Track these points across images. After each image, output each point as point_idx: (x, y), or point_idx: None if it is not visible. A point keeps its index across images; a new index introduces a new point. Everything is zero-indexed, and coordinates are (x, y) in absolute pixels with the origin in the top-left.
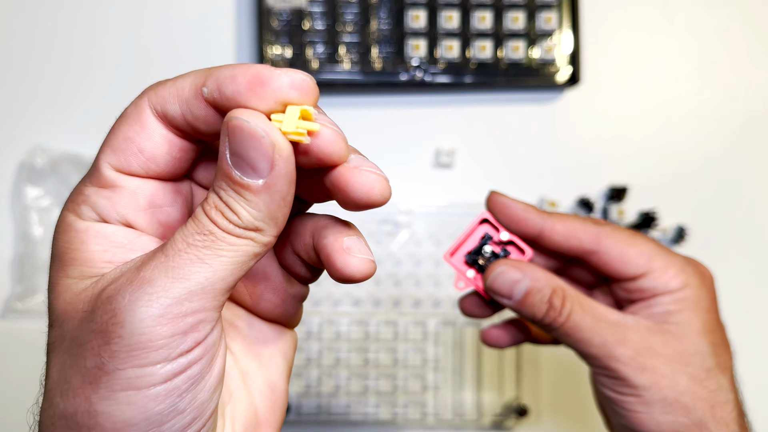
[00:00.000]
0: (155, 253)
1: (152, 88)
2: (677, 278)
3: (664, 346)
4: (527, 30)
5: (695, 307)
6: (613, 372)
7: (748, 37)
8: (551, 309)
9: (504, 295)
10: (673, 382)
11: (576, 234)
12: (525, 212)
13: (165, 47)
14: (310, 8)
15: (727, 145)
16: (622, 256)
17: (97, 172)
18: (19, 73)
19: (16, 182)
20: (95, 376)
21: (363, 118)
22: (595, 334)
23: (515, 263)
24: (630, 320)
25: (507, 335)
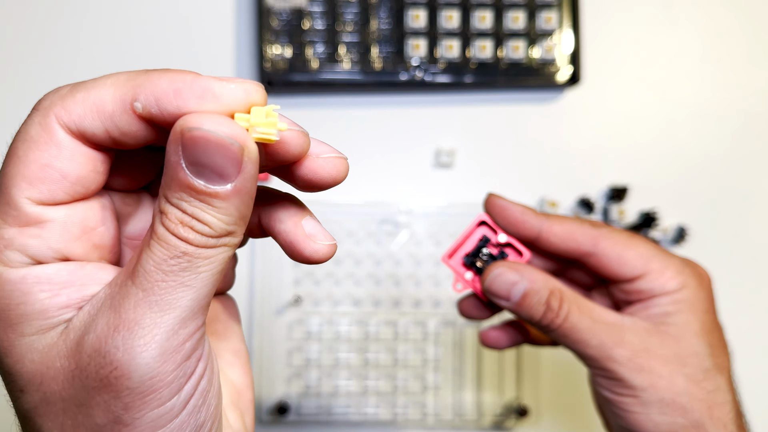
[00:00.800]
0: (126, 288)
1: (56, 102)
2: (675, 280)
3: (662, 347)
4: (527, 30)
5: (693, 308)
6: (610, 373)
7: (749, 36)
8: (549, 310)
9: (502, 297)
10: (671, 383)
11: (574, 236)
12: (523, 214)
13: (164, 47)
14: (310, 8)
15: (727, 145)
16: (619, 258)
17: (14, 210)
18: (18, 73)
19: None
20: (115, 431)
21: (363, 118)
22: (592, 335)
23: (513, 265)
24: (627, 321)
25: (505, 336)
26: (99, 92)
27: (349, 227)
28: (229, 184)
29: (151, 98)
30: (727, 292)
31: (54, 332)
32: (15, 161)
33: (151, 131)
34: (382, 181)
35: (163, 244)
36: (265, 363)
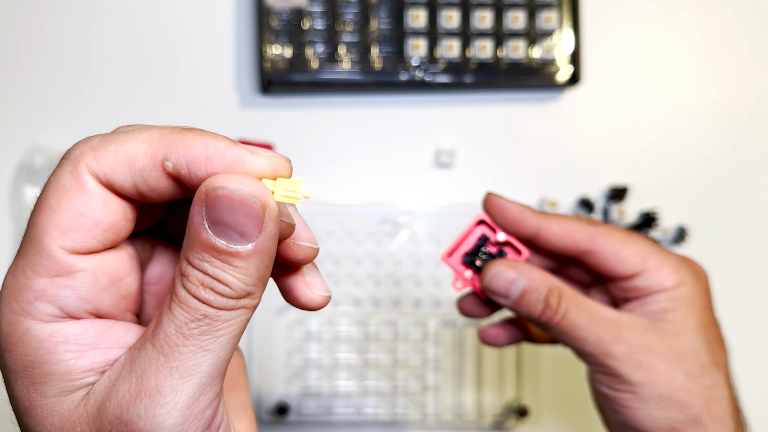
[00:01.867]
0: (146, 352)
1: (87, 152)
2: (672, 277)
3: (659, 343)
4: (527, 29)
5: (690, 304)
6: (608, 369)
7: (750, 36)
8: (547, 308)
9: (501, 295)
10: (668, 379)
11: (572, 234)
12: (521, 213)
13: (164, 47)
14: (310, 8)
15: (728, 145)
16: (617, 256)
17: (46, 260)
18: (18, 73)
19: (15, 182)
20: None
21: (363, 118)
22: (590, 332)
23: (512, 263)
24: (625, 318)
25: (505, 334)
26: (131, 146)
27: (349, 227)
28: (250, 244)
29: (183, 160)
30: (727, 291)
31: (76, 396)
32: (46, 210)
33: (177, 188)
34: (382, 181)
35: (184, 307)
36: (265, 363)
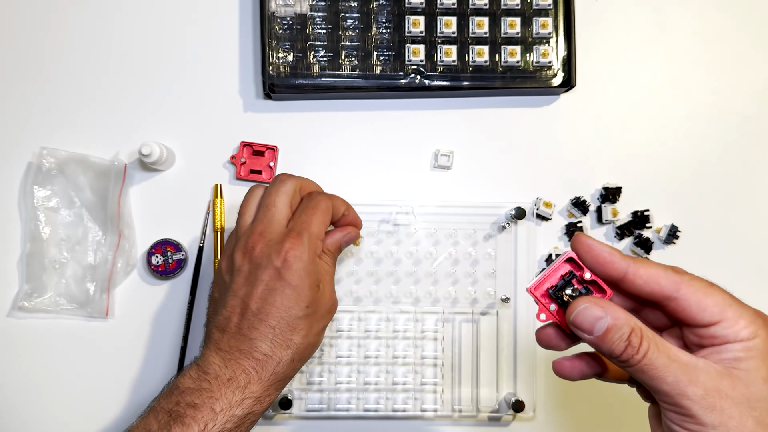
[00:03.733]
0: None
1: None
2: (748, 329)
3: (732, 389)
4: (523, 35)
5: (763, 355)
6: (683, 409)
7: (740, 40)
8: (629, 347)
9: (585, 331)
10: (740, 423)
11: (658, 280)
12: (611, 255)
13: (169, 53)
14: (312, 14)
15: (719, 147)
16: (699, 304)
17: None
18: (27, 76)
19: (24, 183)
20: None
21: (363, 121)
22: (668, 373)
23: (598, 301)
24: (701, 363)
25: (580, 368)
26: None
27: None
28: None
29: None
30: None
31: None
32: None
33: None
34: (382, 182)
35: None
36: None
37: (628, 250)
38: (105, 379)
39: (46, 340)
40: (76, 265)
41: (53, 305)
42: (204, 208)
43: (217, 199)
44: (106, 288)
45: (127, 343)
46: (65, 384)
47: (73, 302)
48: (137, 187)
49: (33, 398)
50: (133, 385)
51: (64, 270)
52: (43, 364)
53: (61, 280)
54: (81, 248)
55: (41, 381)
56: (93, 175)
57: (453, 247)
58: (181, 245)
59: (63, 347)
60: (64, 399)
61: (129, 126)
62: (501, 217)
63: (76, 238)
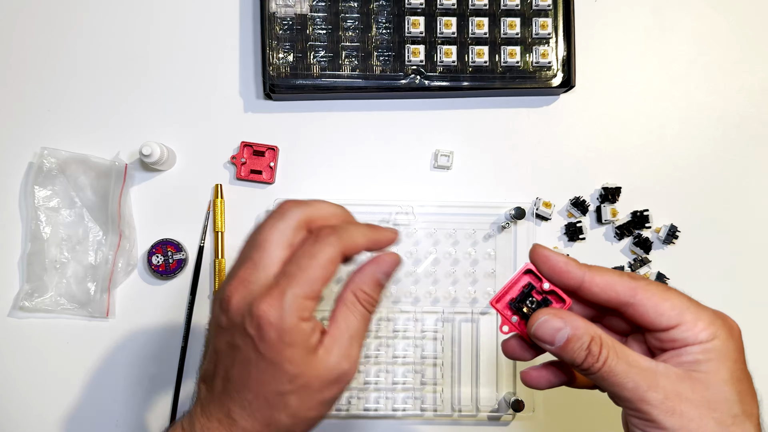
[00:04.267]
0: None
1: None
2: (706, 330)
3: (692, 392)
4: (523, 36)
5: (722, 357)
6: (644, 414)
7: (739, 41)
8: (589, 355)
9: (547, 342)
10: (701, 426)
11: (614, 287)
12: (566, 265)
13: (170, 54)
14: (312, 14)
15: (718, 147)
16: (656, 309)
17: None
18: (29, 77)
19: (24, 183)
20: None
21: (364, 122)
22: (628, 379)
23: (557, 312)
24: (661, 367)
25: (547, 377)
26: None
27: None
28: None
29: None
30: (717, 290)
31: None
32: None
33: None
34: (382, 182)
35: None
36: None
37: (628, 250)
38: (105, 378)
39: (47, 340)
40: (76, 264)
41: (54, 305)
42: (204, 208)
43: (217, 199)
44: (106, 288)
45: (128, 342)
46: (66, 383)
47: (73, 302)
48: (138, 187)
49: (33, 398)
50: (133, 385)
51: (65, 270)
52: (43, 364)
53: (61, 280)
54: (82, 248)
55: (42, 380)
56: (94, 175)
57: (453, 247)
58: (182, 245)
59: (63, 347)
60: (65, 398)
61: (130, 126)
62: (501, 217)
63: (77, 238)
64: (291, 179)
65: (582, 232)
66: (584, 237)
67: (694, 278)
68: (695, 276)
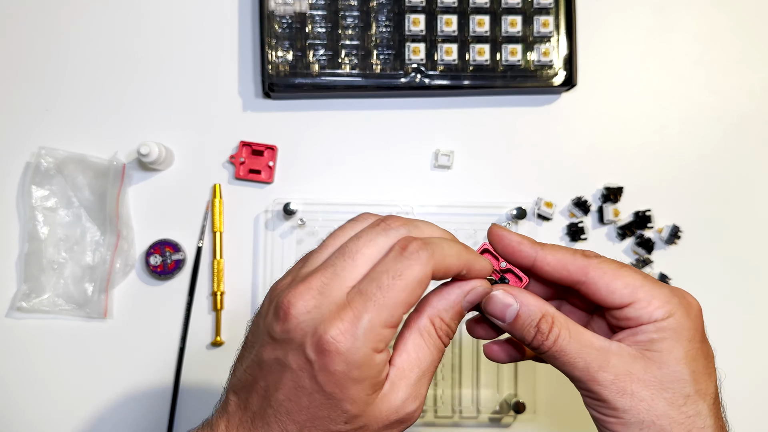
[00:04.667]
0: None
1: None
2: (661, 309)
3: (644, 372)
4: (524, 34)
5: (677, 336)
6: (595, 395)
7: (741, 40)
8: (539, 333)
9: (497, 317)
10: (651, 406)
11: (565, 265)
12: (519, 244)
13: (168, 52)
14: (312, 12)
15: (720, 146)
16: (608, 287)
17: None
18: (26, 76)
19: (22, 183)
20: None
21: (363, 121)
22: (579, 358)
23: (508, 288)
24: (614, 346)
25: (505, 352)
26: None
27: None
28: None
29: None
30: (719, 290)
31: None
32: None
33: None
34: (382, 181)
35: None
36: None
37: (630, 250)
38: (103, 379)
39: (44, 341)
40: (74, 265)
41: (51, 306)
42: (203, 208)
43: (215, 199)
44: (104, 288)
45: (126, 343)
46: (63, 384)
47: (71, 302)
48: (136, 187)
49: (31, 398)
50: (131, 386)
51: (63, 270)
52: (41, 365)
53: (59, 281)
54: (79, 248)
55: (39, 381)
56: (91, 174)
57: None
58: (180, 245)
59: (61, 348)
60: (63, 399)
61: (128, 126)
62: (502, 217)
63: (75, 238)
64: (290, 179)
65: (584, 233)
66: (586, 237)
67: (696, 278)
68: (698, 276)
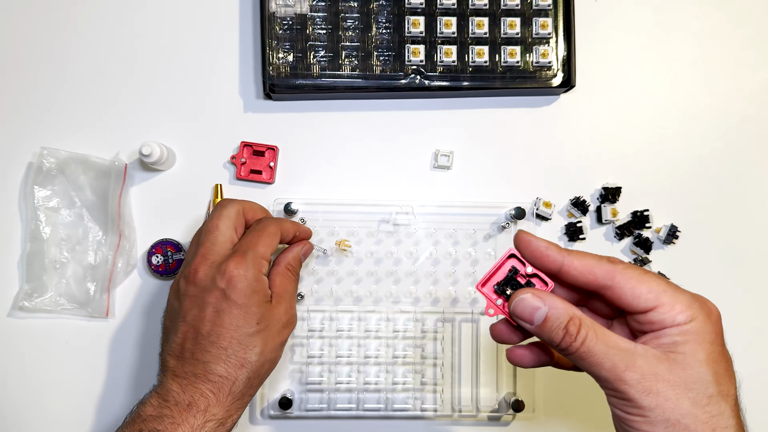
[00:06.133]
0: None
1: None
2: (684, 313)
3: (669, 372)
4: (523, 35)
5: (700, 339)
6: (622, 394)
7: (739, 40)
8: (567, 335)
9: (526, 320)
10: (676, 405)
11: (592, 270)
12: (547, 249)
13: (169, 53)
14: (312, 14)
15: (718, 147)
16: (633, 292)
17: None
18: (28, 77)
19: (24, 183)
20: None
21: (363, 122)
22: (606, 359)
23: (537, 292)
24: (639, 348)
25: (531, 356)
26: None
27: (350, 227)
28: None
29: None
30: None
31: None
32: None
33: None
34: (382, 182)
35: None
36: None
37: (628, 250)
38: (105, 378)
39: (47, 341)
40: (76, 265)
41: (53, 305)
42: (204, 208)
43: (217, 199)
44: (106, 288)
45: (128, 342)
46: (65, 384)
47: (73, 302)
48: (138, 187)
49: (33, 398)
50: (133, 385)
51: (65, 270)
52: (43, 364)
53: (61, 280)
54: (81, 248)
55: (41, 381)
56: (93, 175)
57: (453, 247)
58: (182, 245)
59: (63, 347)
60: (64, 399)
61: (129, 126)
62: (501, 217)
63: (77, 238)
64: (291, 179)
65: (582, 232)
66: (584, 237)
67: (694, 278)
68: (696, 276)
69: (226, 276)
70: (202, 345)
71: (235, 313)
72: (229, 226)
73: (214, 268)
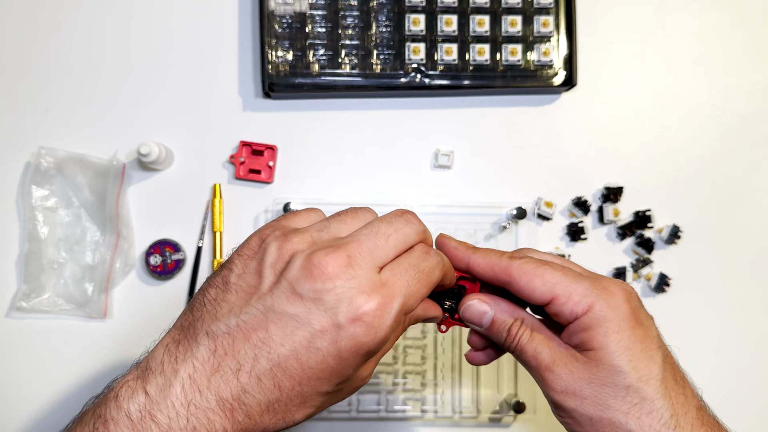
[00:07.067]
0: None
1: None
2: (581, 303)
3: (584, 370)
4: (524, 34)
5: (604, 330)
6: (548, 397)
7: (741, 39)
8: (509, 335)
9: (475, 324)
10: (596, 403)
11: (492, 267)
12: (455, 249)
13: (168, 52)
14: (312, 12)
15: (720, 146)
16: (528, 286)
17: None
18: (25, 76)
19: (22, 183)
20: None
21: (363, 121)
22: (533, 360)
23: (482, 296)
24: (561, 349)
25: (484, 355)
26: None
27: None
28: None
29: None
30: (719, 289)
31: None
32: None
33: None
34: (382, 181)
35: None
36: None
37: (630, 250)
38: (103, 379)
39: (45, 341)
40: (74, 265)
41: (51, 305)
42: (203, 208)
43: (215, 199)
44: (104, 288)
45: (126, 343)
46: (63, 384)
47: (71, 302)
48: (136, 186)
49: (31, 398)
50: None
51: (63, 270)
52: (41, 365)
53: (59, 281)
54: (79, 248)
55: (39, 381)
56: (91, 174)
57: None
58: (180, 245)
59: (61, 348)
60: (63, 399)
61: (127, 125)
62: (502, 217)
63: (75, 238)
64: (290, 179)
65: (584, 232)
66: (586, 237)
67: (696, 278)
68: (698, 276)
69: (355, 312)
70: (259, 365)
71: (327, 362)
72: (400, 248)
73: (351, 284)
